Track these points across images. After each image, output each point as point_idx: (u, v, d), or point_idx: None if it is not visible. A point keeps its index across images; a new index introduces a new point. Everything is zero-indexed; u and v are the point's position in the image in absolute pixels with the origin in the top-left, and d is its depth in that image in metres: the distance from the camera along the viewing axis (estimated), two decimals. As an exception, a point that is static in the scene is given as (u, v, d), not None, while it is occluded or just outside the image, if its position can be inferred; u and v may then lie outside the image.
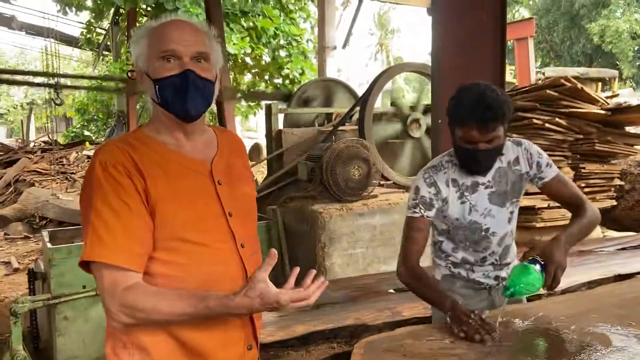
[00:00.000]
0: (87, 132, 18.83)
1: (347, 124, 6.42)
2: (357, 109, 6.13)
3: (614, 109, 6.08)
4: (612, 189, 6.31)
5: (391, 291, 3.29)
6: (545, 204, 5.27)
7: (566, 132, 5.81)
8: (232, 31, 11.55)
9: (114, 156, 1.26)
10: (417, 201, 1.91)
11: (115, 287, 1.19)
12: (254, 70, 13.38)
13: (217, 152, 1.40)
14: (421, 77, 6.41)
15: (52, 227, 7.98)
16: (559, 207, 4.31)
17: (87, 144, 15.04)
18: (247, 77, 13.93)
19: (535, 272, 1.67)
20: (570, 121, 5.83)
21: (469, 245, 2.00)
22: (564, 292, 2.60)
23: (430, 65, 4.07)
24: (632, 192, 6.67)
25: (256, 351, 1.42)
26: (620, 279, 2.71)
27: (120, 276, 1.20)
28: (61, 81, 9.68)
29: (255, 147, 12.65)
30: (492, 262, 2.03)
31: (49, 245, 3.45)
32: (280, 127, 7.05)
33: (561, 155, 5.79)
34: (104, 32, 16.69)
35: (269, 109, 6.88)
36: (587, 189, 5.97)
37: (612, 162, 6.31)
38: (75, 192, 10.29)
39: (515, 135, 5.63)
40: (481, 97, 1.76)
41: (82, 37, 15.92)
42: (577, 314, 1.89)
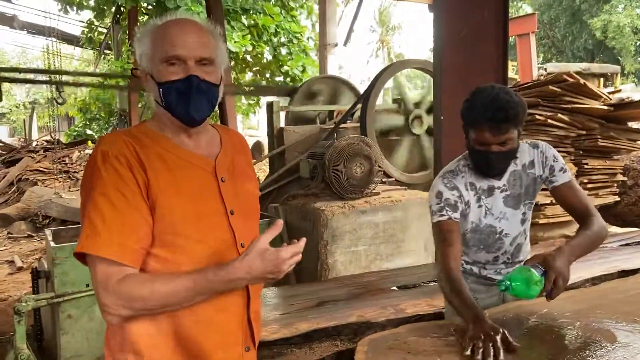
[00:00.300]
0: (89, 131, 18.84)
1: (348, 122, 6.41)
2: (359, 106, 6.13)
3: (617, 104, 6.05)
4: (615, 185, 6.29)
5: (394, 288, 3.28)
6: (548, 200, 5.26)
7: (569, 127, 5.79)
8: (233, 29, 11.53)
9: (117, 147, 1.24)
10: (443, 204, 1.90)
11: (108, 280, 1.16)
12: (255, 68, 13.37)
13: (220, 150, 1.39)
14: (424, 75, 6.40)
15: (55, 226, 8.01)
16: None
17: (89, 142, 15.06)
18: (248, 75, 13.91)
19: (534, 275, 1.64)
20: (572, 117, 5.81)
21: (482, 248, 2.01)
22: (568, 288, 2.59)
23: (432, 61, 4.06)
24: (635, 188, 6.64)
25: (254, 353, 1.41)
26: (624, 274, 2.70)
27: (114, 270, 1.17)
28: (63, 79, 9.68)
29: (256, 145, 12.66)
30: (504, 261, 2.04)
31: (52, 244, 3.45)
32: (282, 124, 7.05)
33: (564, 151, 5.77)
34: (105, 30, 16.69)
35: (270, 106, 6.88)
36: (590, 185, 5.95)
37: (614, 157, 6.29)
38: (78, 190, 10.30)
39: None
40: (494, 98, 1.76)
41: (83, 36, 15.92)
42: (581, 310, 1.89)
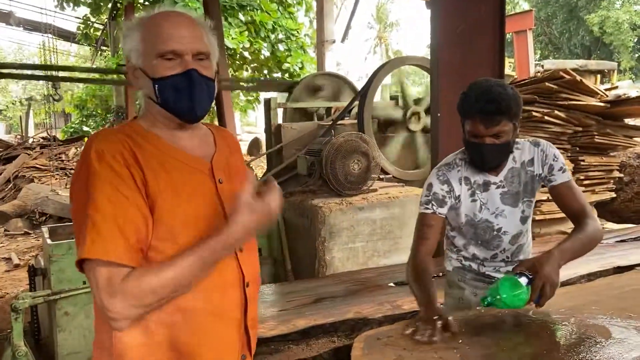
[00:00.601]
0: (86, 128, 18.79)
1: (346, 118, 6.41)
2: (357, 102, 6.13)
3: (613, 101, 6.06)
4: (612, 181, 6.31)
5: (391, 285, 3.29)
6: (544, 197, 5.27)
7: (565, 124, 5.80)
8: (230, 25, 11.51)
9: (112, 145, 1.19)
10: (430, 197, 1.93)
11: (112, 283, 1.10)
12: (252, 64, 13.35)
13: (215, 150, 1.35)
14: (423, 72, 6.40)
15: (52, 223, 7.99)
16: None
17: (85, 139, 15.04)
18: (246, 72, 13.89)
19: (520, 286, 1.61)
20: (569, 114, 5.82)
21: (480, 243, 2.02)
22: (564, 284, 2.60)
23: (429, 58, 4.07)
24: (631, 184, 6.67)
25: None
26: (619, 271, 2.71)
27: (116, 272, 1.11)
28: (60, 75, 9.66)
29: (254, 142, 12.66)
30: (503, 259, 2.04)
31: (49, 241, 3.45)
32: (279, 121, 7.04)
33: (560, 147, 5.78)
34: (101, 27, 16.64)
35: (268, 103, 6.88)
36: (586, 182, 5.97)
37: (611, 154, 6.30)
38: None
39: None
40: (487, 90, 1.78)
41: (80, 32, 15.88)
42: (577, 306, 1.90)
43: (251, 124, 24.80)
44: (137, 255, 1.14)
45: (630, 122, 6.54)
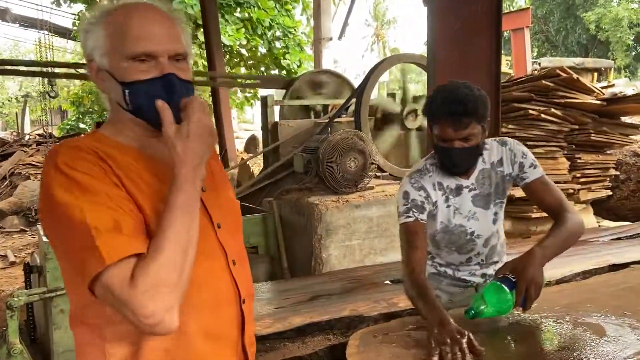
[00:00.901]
0: (82, 125, 18.75)
1: (343, 116, 6.41)
2: (354, 100, 6.12)
3: (610, 99, 6.08)
4: (608, 179, 6.33)
5: (387, 282, 3.30)
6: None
7: (562, 122, 5.81)
8: (226, 22, 11.49)
9: (80, 155, 1.04)
10: (409, 205, 1.86)
11: (123, 280, 0.96)
12: (249, 62, 13.34)
13: None
14: (421, 70, 6.39)
15: (48, 221, 7.96)
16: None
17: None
18: (243, 70, 13.88)
19: (504, 291, 1.57)
20: (565, 111, 5.83)
21: (454, 249, 1.97)
22: (559, 282, 2.61)
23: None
24: (627, 182, 6.69)
25: None
26: (614, 268, 2.72)
27: (128, 267, 0.97)
28: (56, 71, 9.64)
29: (251, 140, 12.65)
30: (478, 262, 2.00)
31: (45, 238, 3.44)
32: (276, 119, 7.03)
33: (557, 145, 5.80)
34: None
35: (264, 101, 6.87)
36: (582, 179, 5.99)
37: (607, 152, 6.32)
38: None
39: (511, 126, 5.64)
40: (453, 92, 1.74)
41: (76, 29, 15.81)
42: (572, 304, 1.90)
43: (248, 122, 24.76)
44: (146, 240, 1.02)
45: (626, 120, 6.56)
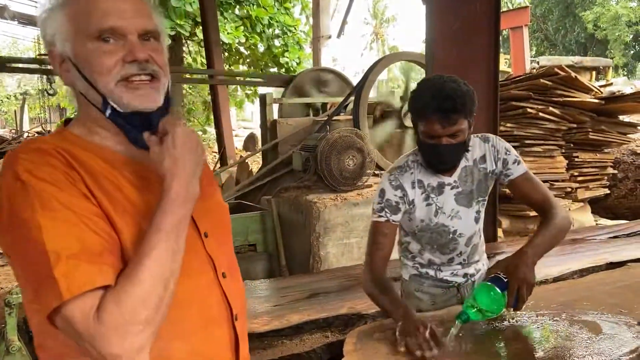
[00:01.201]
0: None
1: (341, 114, 6.42)
2: (352, 98, 6.13)
3: (608, 97, 6.09)
4: (606, 178, 6.34)
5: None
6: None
7: (560, 121, 5.82)
8: (225, 20, 11.48)
9: (43, 159, 0.90)
10: (383, 205, 1.82)
11: (88, 314, 0.82)
12: (248, 60, 13.33)
13: None
14: (420, 69, 6.40)
15: (46, 218, 7.95)
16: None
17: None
18: (242, 67, 13.87)
19: (496, 294, 1.56)
20: (564, 110, 5.85)
21: (436, 248, 1.94)
22: (556, 280, 2.62)
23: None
24: (625, 181, 6.70)
25: None
26: (611, 267, 2.73)
27: (92, 299, 0.83)
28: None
29: (250, 137, 12.65)
30: (460, 262, 1.97)
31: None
32: (275, 117, 7.04)
33: (555, 144, 5.81)
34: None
35: (263, 99, 6.87)
36: (580, 178, 6.00)
37: (605, 150, 6.34)
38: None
39: (509, 124, 5.65)
40: (441, 87, 1.68)
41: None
42: (569, 302, 1.91)
43: (247, 120, 24.74)
44: (118, 270, 0.88)
45: (624, 118, 6.58)
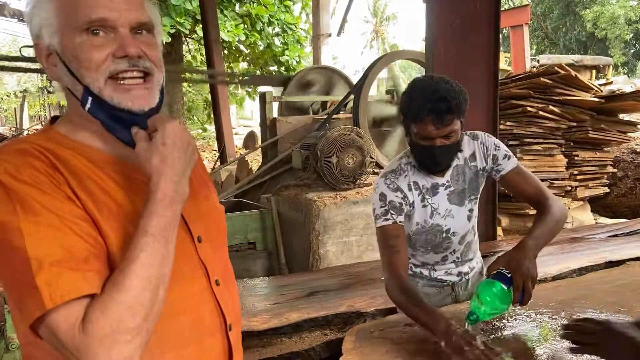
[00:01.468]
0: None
1: (341, 112, 6.42)
2: (352, 97, 6.13)
3: (608, 96, 6.09)
4: (605, 177, 6.34)
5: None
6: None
7: (560, 119, 5.82)
8: (225, 18, 11.47)
9: (25, 160, 0.85)
10: (387, 207, 1.79)
11: (74, 324, 0.78)
12: (248, 58, 13.33)
13: None
14: (419, 67, 6.40)
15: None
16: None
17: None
18: (242, 65, 13.86)
19: (501, 291, 1.54)
20: (563, 109, 5.84)
21: (430, 249, 1.92)
22: (555, 278, 2.62)
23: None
24: (624, 180, 6.70)
25: None
26: (610, 265, 2.73)
27: (78, 308, 0.79)
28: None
29: (250, 136, 12.64)
30: (454, 260, 1.96)
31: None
32: (274, 115, 7.04)
33: (554, 142, 5.81)
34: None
35: (263, 97, 6.88)
36: (580, 177, 6.00)
37: (605, 149, 6.33)
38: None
39: (509, 123, 5.65)
40: (434, 89, 1.66)
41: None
42: (568, 300, 1.92)
43: (247, 118, 24.75)
44: (105, 277, 0.83)
45: (624, 117, 6.58)
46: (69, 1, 0.89)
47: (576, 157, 5.97)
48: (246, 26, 12.10)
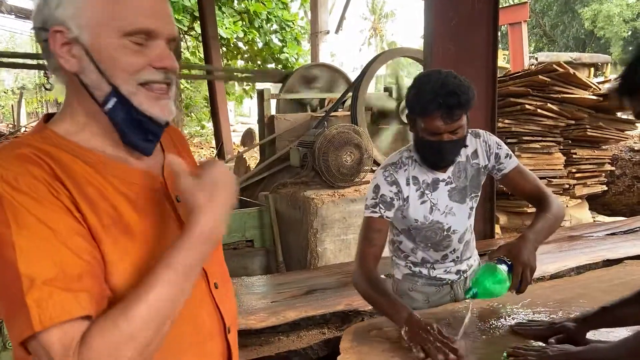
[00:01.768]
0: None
1: (339, 110, 6.41)
2: (350, 94, 6.12)
3: (606, 94, 6.08)
4: (603, 174, 6.34)
5: (382, 277, 3.30)
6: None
7: (558, 117, 5.81)
8: (224, 14, 11.45)
9: (24, 167, 0.82)
10: (377, 200, 1.80)
11: (69, 346, 0.76)
12: (246, 55, 13.31)
13: (164, 155, 1.03)
14: (418, 64, 6.39)
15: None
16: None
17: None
18: (240, 62, 13.84)
19: (501, 273, 1.58)
20: (562, 106, 5.84)
21: (430, 246, 1.92)
22: (553, 277, 2.62)
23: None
24: (622, 178, 6.71)
25: None
26: (608, 264, 2.73)
27: (73, 329, 0.77)
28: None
29: (248, 133, 12.63)
30: (453, 259, 1.96)
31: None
32: (272, 112, 7.04)
33: (553, 140, 5.81)
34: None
35: (261, 94, 6.87)
36: (578, 175, 6.00)
37: (603, 147, 6.33)
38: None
39: (507, 120, 5.64)
40: (443, 83, 1.63)
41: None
42: (565, 299, 1.92)
43: (245, 115, 24.73)
44: (99, 296, 0.82)
45: (622, 115, 6.57)
46: (117, 1, 0.87)
47: (574, 155, 5.96)
48: (244, 23, 12.09)
